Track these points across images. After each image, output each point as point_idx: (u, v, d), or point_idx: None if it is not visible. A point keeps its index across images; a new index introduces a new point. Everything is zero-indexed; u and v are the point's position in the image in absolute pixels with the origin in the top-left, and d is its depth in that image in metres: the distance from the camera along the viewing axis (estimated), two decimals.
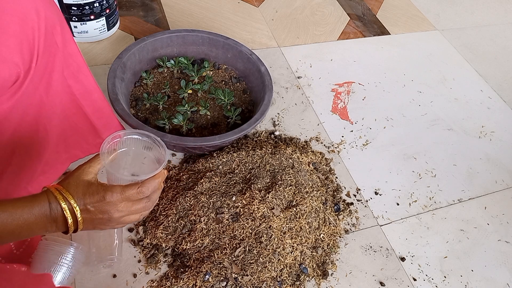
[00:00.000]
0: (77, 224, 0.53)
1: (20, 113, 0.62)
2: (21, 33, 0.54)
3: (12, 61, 0.54)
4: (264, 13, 1.43)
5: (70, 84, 0.69)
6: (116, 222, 0.56)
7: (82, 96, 0.72)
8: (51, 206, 0.51)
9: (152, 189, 0.57)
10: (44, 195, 0.51)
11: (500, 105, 1.33)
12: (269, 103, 0.96)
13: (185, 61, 1.08)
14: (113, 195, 0.53)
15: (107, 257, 0.77)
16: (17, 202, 0.50)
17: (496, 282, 0.92)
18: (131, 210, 0.56)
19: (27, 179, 0.72)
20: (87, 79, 0.71)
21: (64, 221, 0.52)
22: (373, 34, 1.46)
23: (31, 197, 0.51)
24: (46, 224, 0.51)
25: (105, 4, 1.12)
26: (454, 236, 0.98)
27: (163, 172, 0.60)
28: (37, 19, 0.56)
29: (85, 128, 0.77)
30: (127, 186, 0.55)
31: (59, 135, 0.73)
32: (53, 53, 0.62)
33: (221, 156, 0.93)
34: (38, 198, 0.51)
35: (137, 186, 0.55)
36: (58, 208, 0.51)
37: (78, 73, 0.69)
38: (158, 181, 0.58)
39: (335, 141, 1.10)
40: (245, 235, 0.81)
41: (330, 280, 0.85)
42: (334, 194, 0.98)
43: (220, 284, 0.77)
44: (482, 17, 1.68)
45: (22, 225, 0.49)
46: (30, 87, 0.60)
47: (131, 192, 0.55)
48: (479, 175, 1.12)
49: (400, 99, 1.26)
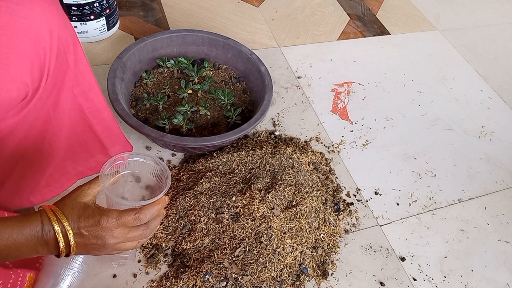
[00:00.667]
0: (69, 248, 0.51)
1: (26, 128, 0.62)
2: (32, 54, 0.54)
3: (21, 80, 0.53)
4: (264, 13, 1.44)
5: (81, 102, 0.68)
6: (111, 248, 0.54)
7: (92, 114, 0.71)
8: (43, 228, 0.49)
9: (150, 216, 0.55)
10: (38, 215, 0.49)
11: (500, 105, 1.33)
12: (269, 103, 0.96)
13: (185, 61, 1.08)
14: (109, 220, 0.52)
15: (119, 255, 0.77)
16: (7, 221, 0.48)
17: (496, 282, 0.92)
18: (127, 237, 0.54)
19: (30, 189, 0.71)
20: (97, 98, 0.71)
21: (56, 244, 0.50)
22: (373, 34, 1.46)
23: (23, 217, 0.49)
24: (36, 246, 0.49)
25: (105, 4, 1.12)
26: (454, 236, 0.98)
27: (163, 198, 0.58)
28: (49, 40, 0.55)
29: (94, 146, 0.76)
30: (124, 211, 0.53)
31: (66, 150, 0.72)
32: (63, 71, 0.61)
33: (221, 156, 0.93)
34: (31, 218, 0.49)
35: (134, 212, 0.53)
36: (51, 230, 0.49)
37: (89, 92, 0.68)
38: (158, 208, 0.56)
39: (335, 141, 1.10)
40: (245, 235, 0.81)
41: (330, 280, 0.85)
42: (334, 194, 0.98)
43: (220, 284, 0.77)
44: (482, 17, 1.68)
45: (10, 245, 0.47)
46: (38, 104, 0.59)
47: (128, 219, 0.53)
48: (479, 175, 1.12)
49: (400, 99, 1.26)
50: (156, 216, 0.57)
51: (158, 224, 0.59)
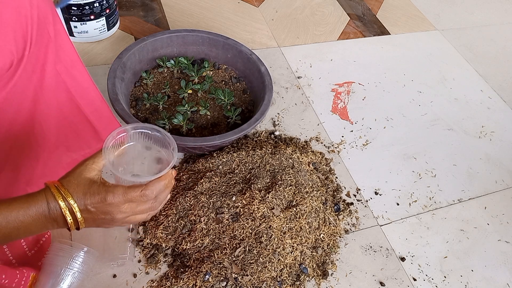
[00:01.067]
0: (78, 223, 0.51)
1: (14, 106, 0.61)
2: (15, 22, 0.55)
3: (7, 49, 0.54)
4: (264, 13, 1.43)
5: (65, 80, 0.67)
6: (120, 222, 0.54)
7: (78, 93, 0.70)
8: (49, 206, 0.49)
9: (157, 192, 0.54)
10: (42, 194, 0.49)
11: (500, 105, 1.33)
12: (269, 103, 0.96)
13: (185, 61, 1.08)
14: (115, 197, 0.51)
15: (118, 255, 0.77)
16: (12, 203, 0.48)
17: (496, 282, 0.92)
18: (136, 211, 0.54)
19: (26, 179, 0.71)
20: (82, 76, 0.69)
21: (64, 220, 0.50)
22: (373, 34, 1.46)
23: (28, 197, 0.49)
24: (45, 224, 0.50)
25: (105, 4, 1.12)
26: (454, 236, 0.98)
27: (170, 173, 0.56)
28: (30, 8, 0.56)
29: (86, 130, 0.76)
30: (130, 188, 0.52)
31: (57, 134, 0.72)
32: (45, 43, 0.61)
33: (221, 156, 0.93)
34: (36, 198, 0.49)
35: (140, 188, 0.53)
36: (57, 207, 0.49)
37: (72, 69, 0.67)
38: (164, 183, 0.55)
39: (335, 141, 1.10)
40: (245, 235, 0.81)
41: (330, 280, 0.85)
42: (334, 194, 0.98)
43: (220, 284, 0.77)
44: (482, 17, 1.68)
45: (18, 227, 0.48)
46: (24, 76, 0.59)
47: (134, 195, 0.52)
48: (479, 175, 1.12)
49: (400, 99, 1.26)
50: (162, 191, 0.55)
51: (167, 196, 0.58)
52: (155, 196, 0.55)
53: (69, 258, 0.70)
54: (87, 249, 0.73)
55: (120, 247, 0.78)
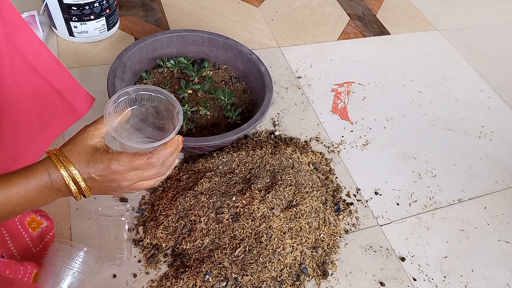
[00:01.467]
0: (83, 191, 0.50)
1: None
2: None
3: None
4: (264, 13, 1.43)
5: (15, 43, 0.60)
6: (127, 189, 0.52)
7: (32, 56, 0.64)
8: (51, 176, 0.47)
9: (163, 159, 0.52)
10: (43, 165, 0.48)
11: (500, 105, 1.33)
12: (269, 103, 0.96)
13: (185, 61, 1.08)
14: (119, 164, 0.49)
15: (116, 256, 0.77)
16: (11, 178, 0.46)
17: (496, 282, 0.92)
18: (142, 177, 0.52)
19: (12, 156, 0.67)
20: (30, 37, 0.62)
21: (69, 189, 0.49)
22: (373, 34, 1.46)
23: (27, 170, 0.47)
24: (50, 195, 0.48)
25: (105, 4, 1.12)
26: (454, 236, 0.98)
27: (176, 138, 0.54)
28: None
29: (49, 93, 0.70)
30: (135, 155, 0.50)
31: (25, 102, 0.67)
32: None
33: (221, 156, 0.93)
34: (35, 170, 0.47)
35: (146, 156, 0.51)
36: (59, 177, 0.48)
37: (18, 30, 0.60)
38: (170, 150, 0.53)
39: (335, 141, 1.10)
40: (245, 235, 0.81)
41: (330, 280, 0.85)
42: (334, 194, 0.98)
43: (220, 284, 0.77)
44: (482, 17, 1.68)
45: (22, 202, 0.46)
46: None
47: (139, 163, 0.50)
48: (479, 175, 1.12)
49: (400, 99, 1.26)
50: (168, 157, 0.53)
51: (174, 161, 0.56)
52: (162, 162, 0.53)
53: (69, 258, 0.70)
54: (87, 249, 0.73)
55: (117, 247, 0.78)
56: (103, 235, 0.79)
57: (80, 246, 0.73)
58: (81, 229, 0.82)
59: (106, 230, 0.79)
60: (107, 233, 0.79)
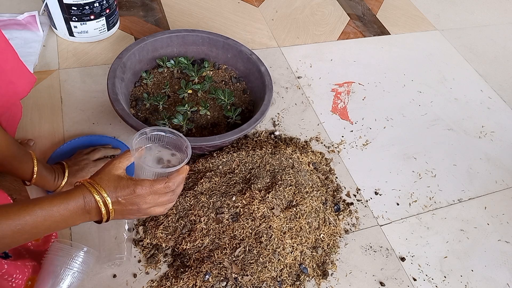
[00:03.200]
0: (109, 214, 0.58)
1: None
2: None
3: None
4: (264, 13, 1.44)
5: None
6: (143, 213, 0.61)
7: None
8: (85, 200, 0.55)
9: (177, 184, 0.62)
10: (79, 190, 0.56)
11: (500, 105, 1.33)
12: (269, 103, 0.96)
13: (185, 61, 1.08)
14: (143, 188, 0.58)
15: (116, 255, 0.77)
16: (54, 199, 0.54)
17: (496, 282, 0.92)
18: (157, 202, 0.61)
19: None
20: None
21: (97, 212, 0.57)
22: (373, 34, 1.46)
23: (66, 193, 0.55)
24: (80, 216, 0.56)
25: (105, 4, 1.12)
26: (454, 236, 0.98)
27: (186, 167, 0.64)
28: None
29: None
30: (156, 180, 0.60)
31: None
32: None
33: (221, 156, 0.93)
34: (73, 194, 0.55)
35: (164, 181, 0.60)
36: (92, 201, 0.56)
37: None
38: (183, 176, 0.63)
39: (335, 141, 1.10)
40: (245, 235, 0.81)
41: (330, 280, 0.85)
42: (334, 194, 0.98)
43: (220, 284, 0.77)
44: (482, 17, 1.68)
45: (58, 220, 0.54)
46: None
47: (159, 187, 0.60)
48: (479, 175, 1.12)
49: (400, 99, 1.26)
50: (180, 183, 0.64)
51: (180, 190, 0.66)
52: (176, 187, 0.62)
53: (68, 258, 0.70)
54: (87, 249, 0.73)
55: (117, 247, 0.78)
56: (103, 235, 0.79)
57: (80, 246, 0.73)
58: (81, 229, 0.82)
59: (106, 230, 0.79)
60: (106, 233, 0.79)
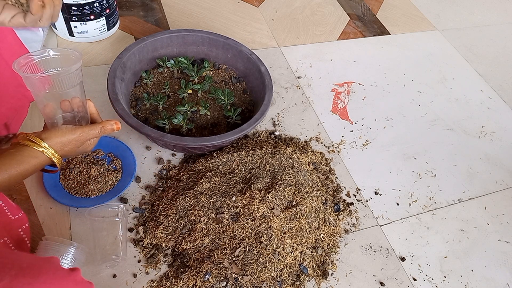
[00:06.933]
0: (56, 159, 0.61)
1: None
2: None
3: None
4: (264, 13, 1.43)
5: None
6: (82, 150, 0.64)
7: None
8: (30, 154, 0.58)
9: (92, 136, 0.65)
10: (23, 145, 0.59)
11: (500, 105, 1.33)
12: (269, 103, 0.96)
13: (185, 61, 1.08)
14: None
15: (111, 256, 0.77)
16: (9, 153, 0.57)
17: (496, 282, 0.92)
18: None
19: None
20: None
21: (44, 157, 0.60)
22: (373, 34, 1.46)
23: (14, 150, 0.57)
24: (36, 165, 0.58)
25: (105, 4, 1.12)
26: (454, 236, 0.98)
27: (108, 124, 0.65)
28: None
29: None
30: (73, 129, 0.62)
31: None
32: None
33: (221, 156, 0.93)
34: (21, 149, 0.58)
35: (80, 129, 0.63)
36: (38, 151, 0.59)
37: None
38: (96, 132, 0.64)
39: (335, 141, 1.10)
40: (245, 235, 0.81)
41: (330, 280, 0.85)
42: (334, 194, 0.98)
43: (220, 284, 0.77)
44: (482, 17, 1.68)
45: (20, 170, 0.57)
46: None
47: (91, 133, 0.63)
48: (479, 175, 1.12)
49: (400, 99, 1.26)
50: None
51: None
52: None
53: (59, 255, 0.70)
54: (77, 245, 0.73)
55: (112, 247, 0.78)
56: (97, 236, 0.78)
57: (69, 242, 0.73)
58: (81, 229, 0.82)
59: (99, 231, 0.78)
60: (100, 234, 0.78)
